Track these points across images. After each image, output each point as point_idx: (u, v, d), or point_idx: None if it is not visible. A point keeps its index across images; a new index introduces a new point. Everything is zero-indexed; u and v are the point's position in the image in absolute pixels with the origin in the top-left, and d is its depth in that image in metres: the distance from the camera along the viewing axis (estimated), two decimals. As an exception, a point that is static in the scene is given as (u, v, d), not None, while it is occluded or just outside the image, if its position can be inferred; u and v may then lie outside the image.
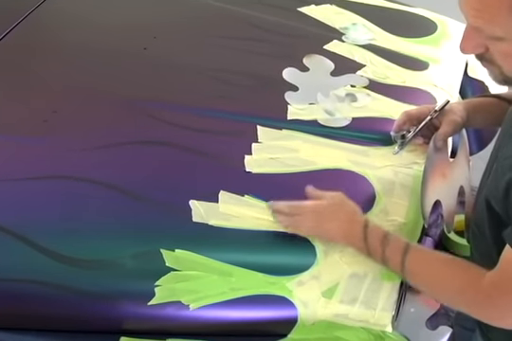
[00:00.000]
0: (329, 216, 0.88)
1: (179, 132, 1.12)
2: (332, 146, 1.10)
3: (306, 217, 0.89)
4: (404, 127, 1.05)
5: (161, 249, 0.89)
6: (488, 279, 0.75)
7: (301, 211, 0.89)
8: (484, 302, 0.76)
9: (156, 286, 0.86)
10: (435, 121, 1.02)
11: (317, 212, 0.88)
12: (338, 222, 0.87)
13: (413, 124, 1.04)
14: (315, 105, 1.18)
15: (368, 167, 1.05)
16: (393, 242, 0.83)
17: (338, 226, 0.87)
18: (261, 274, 0.88)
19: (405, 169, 1.05)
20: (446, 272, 0.80)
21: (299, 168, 1.04)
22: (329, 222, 0.87)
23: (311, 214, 0.89)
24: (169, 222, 0.95)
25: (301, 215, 0.89)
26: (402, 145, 1.05)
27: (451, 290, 0.79)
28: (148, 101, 1.19)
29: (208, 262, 0.88)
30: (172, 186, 1.01)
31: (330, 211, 0.88)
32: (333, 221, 0.87)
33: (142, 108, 1.16)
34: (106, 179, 1.01)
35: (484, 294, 0.75)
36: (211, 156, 1.07)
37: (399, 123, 1.05)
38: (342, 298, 0.86)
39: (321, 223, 0.88)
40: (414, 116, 1.05)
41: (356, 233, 0.85)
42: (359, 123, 1.14)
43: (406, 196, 1.00)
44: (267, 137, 1.10)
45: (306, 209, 0.89)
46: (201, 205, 0.96)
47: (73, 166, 1.04)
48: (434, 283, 0.81)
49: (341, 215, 0.87)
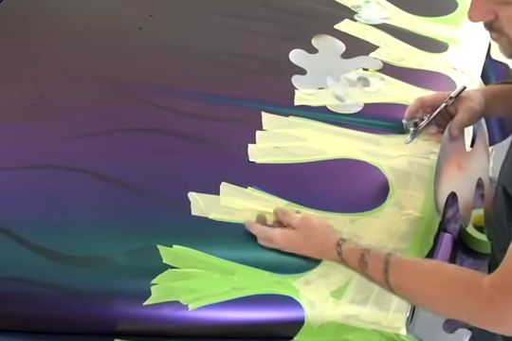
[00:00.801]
0: (300, 245, 0.89)
1: (177, 118, 1.12)
2: (342, 134, 1.09)
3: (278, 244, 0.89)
4: (417, 114, 1.05)
5: (158, 245, 0.89)
6: (489, 281, 0.73)
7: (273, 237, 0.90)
8: (486, 306, 0.73)
9: (153, 285, 0.86)
10: (451, 109, 1.01)
11: (286, 240, 0.89)
12: (310, 250, 0.88)
13: (427, 112, 1.04)
14: (324, 90, 1.18)
15: (381, 156, 1.05)
16: (371, 262, 0.81)
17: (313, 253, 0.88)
18: (265, 272, 0.88)
19: (421, 159, 1.05)
20: (438, 282, 0.77)
21: (306, 157, 1.04)
22: (302, 249, 0.89)
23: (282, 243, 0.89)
24: (166, 215, 0.94)
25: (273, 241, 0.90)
26: (414, 134, 1.04)
27: (449, 301, 0.76)
28: (143, 85, 1.18)
29: (208, 259, 0.88)
30: (169, 177, 1.00)
31: (300, 240, 0.89)
32: (305, 250, 0.88)
33: (137, 92, 1.16)
34: (98, 169, 1.00)
35: (485, 297, 0.72)
36: (212, 145, 1.06)
37: (412, 110, 1.05)
38: (353, 298, 0.86)
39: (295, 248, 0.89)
40: (428, 102, 1.04)
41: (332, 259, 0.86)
42: (372, 109, 1.14)
43: (422, 188, 1.00)
44: (273, 125, 1.10)
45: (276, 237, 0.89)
46: (201, 197, 0.96)
47: (60, 155, 1.04)
48: (429, 297, 0.78)
49: (311, 246, 0.88)
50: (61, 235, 0.92)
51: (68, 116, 1.12)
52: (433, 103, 1.03)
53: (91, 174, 1.00)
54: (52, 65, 1.23)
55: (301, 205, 0.95)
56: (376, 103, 1.15)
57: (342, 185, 1.00)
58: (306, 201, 0.96)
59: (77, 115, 1.12)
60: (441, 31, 1.34)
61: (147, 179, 1.00)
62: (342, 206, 0.95)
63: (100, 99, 1.16)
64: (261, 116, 1.11)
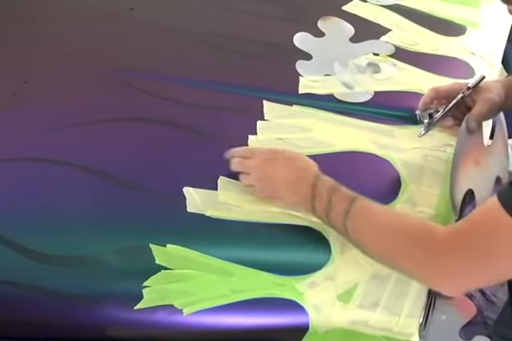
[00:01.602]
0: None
1: (171, 107, 1.11)
2: (350, 125, 1.09)
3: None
4: (431, 105, 1.05)
5: (150, 244, 0.89)
6: (442, 234, 0.75)
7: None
8: (430, 258, 0.75)
9: (144, 287, 0.86)
10: (468, 100, 1.01)
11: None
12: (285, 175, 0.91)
13: (442, 103, 1.04)
14: (331, 77, 1.18)
15: (393, 149, 1.05)
16: (335, 201, 0.84)
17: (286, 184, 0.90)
18: (266, 273, 0.88)
19: (436, 151, 1.05)
20: (392, 229, 0.80)
21: (311, 150, 1.03)
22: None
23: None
24: (159, 212, 0.94)
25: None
26: (429, 126, 1.04)
27: (397, 249, 0.79)
28: (135, 71, 1.18)
29: (204, 260, 0.88)
30: (163, 170, 1.00)
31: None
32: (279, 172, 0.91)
33: (128, 79, 1.16)
34: (86, 162, 1.00)
35: (433, 249, 0.74)
36: (209, 136, 1.06)
37: (426, 100, 1.05)
38: (361, 303, 0.86)
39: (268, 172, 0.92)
40: (444, 93, 1.04)
41: (303, 190, 0.88)
42: (383, 98, 1.14)
43: (437, 184, 1.00)
44: (275, 114, 1.10)
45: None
46: (197, 192, 0.95)
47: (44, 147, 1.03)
48: (378, 244, 0.81)
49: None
50: (45, 233, 0.92)
51: (53, 104, 1.12)
52: (449, 94, 1.03)
53: (78, 168, 0.99)
54: (36, 49, 1.23)
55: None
56: (388, 91, 1.15)
57: (350, 180, 0.98)
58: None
59: (63, 103, 1.12)
60: (458, 13, 1.34)
61: (139, 173, 1.00)
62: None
63: (89, 86, 1.16)
64: (262, 104, 1.11)
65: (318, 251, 0.90)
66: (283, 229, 0.92)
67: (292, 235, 0.92)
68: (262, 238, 0.92)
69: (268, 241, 0.92)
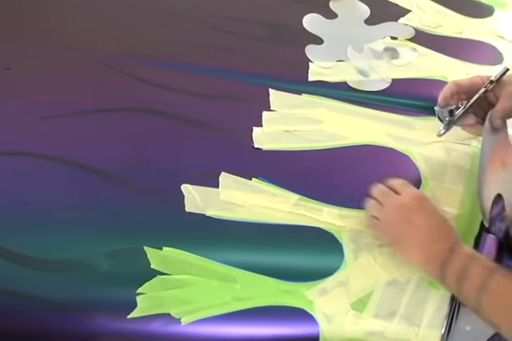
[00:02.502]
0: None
1: (168, 96, 1.11)
2: (365, 115, 1.09)
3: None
4: (452, 101, 1.04)
5: (145, 247, 0.89)
6: None
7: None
8: None
9: (138, 294, 0.86)
10: (490, 95, 1.01)
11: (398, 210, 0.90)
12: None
13: (463, 98, 1.03)
14: (344, 63, 1.18)
15: (412, 143, 1.05)
16: (477, 264, 0.82)
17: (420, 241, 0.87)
18: (273, 279, 0.88)
19: (460, 145, 1.05)
20: None
21: (322, 144, 1.04)
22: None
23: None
24: (155, 212, 0.94)
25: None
26: (449, 124, 1.03)
27: None
28: (129, 57, 1.18)
29: (205, 264, 0.88)
30: (159, 166, 1.00)
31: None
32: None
33: (121, 65, 1.16)
34: (73, 156, 1.00)
35: None
36: (209, 128, 1.06)
37: (446, 95, 1.04)
38: (377, 312, 0.86)
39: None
40: (465, 87, 1.04)
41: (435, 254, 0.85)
42: (402, 86, 1.14)
43: (460, 181, 1.00)
44: (282, 104, 1.10)
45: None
46: (196, 190, 0.96)
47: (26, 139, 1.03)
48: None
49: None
50: (28, 234, 0.92)
51: (38, 93, 1.11)
52: (470, 88, 1.03)
53: (65, 162, 0.99)
54: (21, 32, 1.23)
55: (315, 200, 0.95)
56: (407, 79, 1.15)
57: (365, 176, 1.00)
58: (322, 195, 0.96)
59: (49, 91, 1.12)
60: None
61: (132, 168, 1.00)
62: (364, 202, 0.94)
63: (79, 73, 1.15)
64: (268, 93, 1.11)
65: (329, 255, 0.90)
66: (291, 231, 0.92)
67: (301, 237, 0.92)
68: (267, 240, 0.92)
69: (275, 243, 0.92)
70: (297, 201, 0.95)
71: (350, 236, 0.92)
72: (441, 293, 0.88)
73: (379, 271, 0.89)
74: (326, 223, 0.92)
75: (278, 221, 0.93)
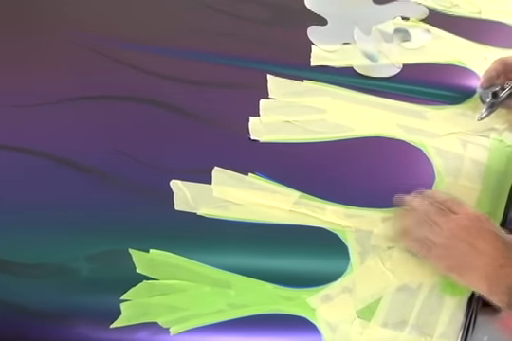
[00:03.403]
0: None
1: (157, 83, 1.11)
2: (373, 104, 1.09)
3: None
4: (497, 81, 1.04)
5: (130, 249, 0.89)
6: None
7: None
8: None
9: (123, 301, 0.86)
10: None
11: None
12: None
13: (510, 77, 1.03)
14: (350, 46, 1.18)
15: (425, 134, 1.05)
16: None
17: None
18: (271, 285, 0.88)
19: (478, 137, 1.05)
20: None
21: (326, 135, 1.04)
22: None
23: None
24: (141, 210, 0.94)
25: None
26: (492, 107, 1.03)
27: None
28: (116, 41, 1.18)
29: (196, 268, 0.88)
30: (145, 159, 1.00)
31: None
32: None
33: (107, 49, 1.16)
34: (50, 149, 1.00)
35: None
36: (201, 118, 1.06)
37: (491, 75, 1.04)
38: (386, 320, 0.86)
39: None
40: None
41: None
42: (414, 72, 1.14)
43: (478, 176, 1.00)
44: (282, 91, 1.10)
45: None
46: (187, 187, 0.96)
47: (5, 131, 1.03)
48: None
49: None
50: (2, 236, 0.92)
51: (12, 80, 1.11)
52: None
53: (42, 156, 0.99)
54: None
55: (318, 197, 0.95)
56: (419, 64, 1.15)
57: (373, 171, 1.00)
58: (325, 192, 0.96)
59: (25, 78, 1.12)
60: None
61: (116, 162, 1.00)
62: (372, 200, 0.95)
63: (59, 58, 1.15)
64: (266, 80, 1.11)
65: (333, 258, 0.91)
66: (292, 232, 0.92)
67: (302, 238, 0.92)
68: (265, 242, 0.92)
69: (273, 245, 0.92)
70: (298, 199, 0.95)
71: (356, 237, 0.91)
72: (456, 300, 0.88)
73: (388, 276, 0.89)
74: (330, 222, 0.92)
75: (277, 220, 0.93)
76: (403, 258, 0.89)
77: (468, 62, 1.11)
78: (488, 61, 1.09)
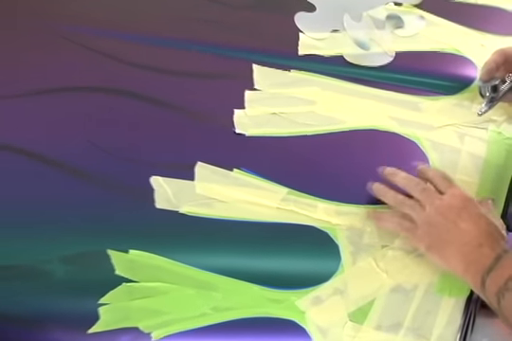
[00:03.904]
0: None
1: (134, 73, 1.11)
2: (365, 95, 1.10)
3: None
4: (497, 74, 1.04)
5: (108, 249, 0.89)
6: None
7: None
8: None
9: (101, 305, 0.86)
10: None
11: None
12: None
13: (510, 70, 1.03)
14: (340, 33, 1.17)
15: (419, 127, 1.05)
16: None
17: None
18: (258, 286, 0.88)
19: (475, 130, 1.05)
20: None
21: (315, 128, 1.04)
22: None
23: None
24: (119, 208, 0.94)
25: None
26: (492, 101, 1.03)
27: None
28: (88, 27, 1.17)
29: (178, 269, 0.88)
30: (124, 154, 1.00)
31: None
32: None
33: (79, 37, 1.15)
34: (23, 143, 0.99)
35: None
36: (183, 110, 1.06)
37: (491, 67, 1.04)
38: (380, 323, 0.86)
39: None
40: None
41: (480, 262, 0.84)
42: (407, 61, 1.14)
43: (476, 171, 1.00)
44: (268, 82, 1.10)
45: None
46: (168, 183, 0.95)
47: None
48: None
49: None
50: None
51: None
52: None
53: (9, 150, 0.99)
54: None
55: (307, 193, 0.95)
56: (413, 52, 1.15)
57: (364, 166, 1.00)
58: (315, 188, 0.96)
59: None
60: None
61: (93, 157, 0.99)
62: (364, 196, 0.95)
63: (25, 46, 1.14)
64: (251, 69, 1.11)
65: (324, 258, 0.91)
66: (280, 230, 0.92)
67: (291, 237, 0.92)
68: (252, 241, 0.92)
69: (260, 245, 0.92)
70: (286, 195, 0.95)
71: (348, 235, 0.92)
72: (454, 301, 0.88)
73: (382, 276, 0.89)
74: (320, 220, 0.93)
75: (264, 218, 0.93)
76: (397, 257, 0.90)
77: (465, 49, 1.11)
78: (486, 48, 1.10)
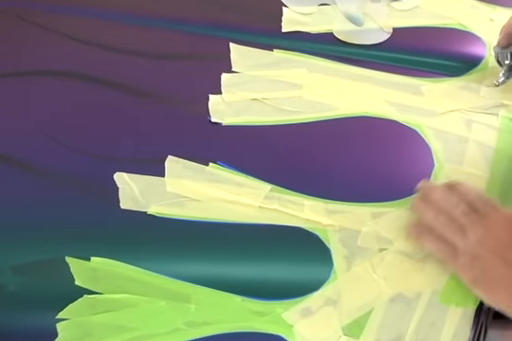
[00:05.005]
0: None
1: (98, 54, 1.11)
2: (358, 77, 1.10)
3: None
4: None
5: (67, 257, 0.88)
6: None
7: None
8: None
9: (59, 320, 0.85)
10: None
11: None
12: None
13: None
14: (329, 7, 1.18)
15: (421, 113, 1.06)
16: None
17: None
18: (239, 297, 0.88)
19: (484, 116, 1.06)
20: None
21: (302, 115, 1.04)
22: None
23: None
24: (78, 209, 0.93)
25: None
26: (511, 70, 1.04)
27: None
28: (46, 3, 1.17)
29: (147, 279, 0.88)
30: (82, 147, 0.99)
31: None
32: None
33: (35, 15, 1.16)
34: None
35: None
36: (151, 97, 1.06)
37: (510, 31, 1.04)
38: (378, 337, 0.86)
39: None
40: None
41: None
42: (406, 38, 1.15)
43: (485, 162, 1.00)
44: (248, 63, 1.10)
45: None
46: (135, 180, 0.95)
47: None
48: None
49: None
50: None
51: None
52: None
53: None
54: None
55: (293, 190, 0.95)
56: (413, 28, 1.16)
57: (358, 158, 1.01)
58: (302, 184, 0.96)
59: None
60: None
61: (44, 150, 0.99)
62: (359, 193, 0.95)
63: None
64: (228, 49, 1.12)
65: (313, 263, 0.90)
66: (263, 233, 0.92)
67: (275, 241, 0.92)
68: (231, 246, 0.91)
69: (241, 250, 0.91)
70: (269, 192, 0.95)
71: (340, 238, 0.91)
72: (462, 311, 0.88)
73: (380, 283, 0.89)
74: (308, 220, 0.92)
75: (244, 219, 0.92)
76: (397, 262, 0.89)
77: (471, 24, 1.12)
78: (495, 23, 1.10)
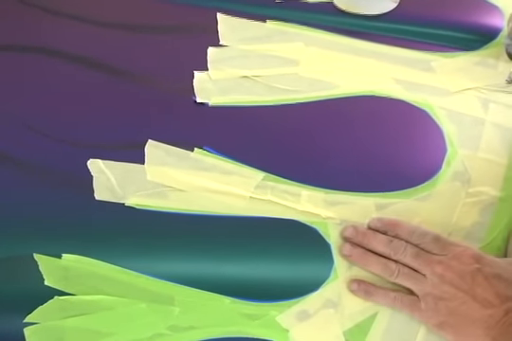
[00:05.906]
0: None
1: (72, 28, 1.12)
2: (362, 52, 1.10)
3: None
4: None
5: (35, 254, 0.88)
6: None
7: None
8: None
9: (27, 325, 0.85)
10: None
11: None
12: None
13: None
14: (329, -28, 1.18)
15: (431, 92, 1.06)
16: None
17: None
18: (228, 299, 0.88)
19: (503, 95, 1.06)
20: None
21: (299, 95, 1.04)
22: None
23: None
24: (49, 201, 0.93)
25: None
26: None
27: None
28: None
29: (126, 278, 0.88)
30: (52, 131, 0.99)
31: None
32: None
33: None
34: None
35: None
36: (130, 75, 1.06)
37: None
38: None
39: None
40: None
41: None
42: (415, 7, 1.15)
43: (503, 148, 1.01)
44: (237, 36, 1.10)
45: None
46: (111, 168, 0.95)
47: None
48: None
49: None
50: None
51: None
52: None
53: None
54: None
55: (288, 178, 0.95)
56: (422, -4, 1.16)
57: (362, 143, 1.01)
58: (298, 172, 0.96)
59: None
60: None
61: (11, 136, 0.99)
62: (362, 181, 0.96)
63: None
64: (216, 20, 1.12)
65: (311, 260, 0.90)
66: (254, 226, 0.92)
67: (269, 235, 0.92)
68: (218, 241, 0.91)
69: (230, 246, 0.91)
70: (261, 181, 0.95)
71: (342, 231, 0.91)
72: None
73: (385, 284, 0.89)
74: (306, 213, 0.92)
75: (233, 211, 0.92)
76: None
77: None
78: None
